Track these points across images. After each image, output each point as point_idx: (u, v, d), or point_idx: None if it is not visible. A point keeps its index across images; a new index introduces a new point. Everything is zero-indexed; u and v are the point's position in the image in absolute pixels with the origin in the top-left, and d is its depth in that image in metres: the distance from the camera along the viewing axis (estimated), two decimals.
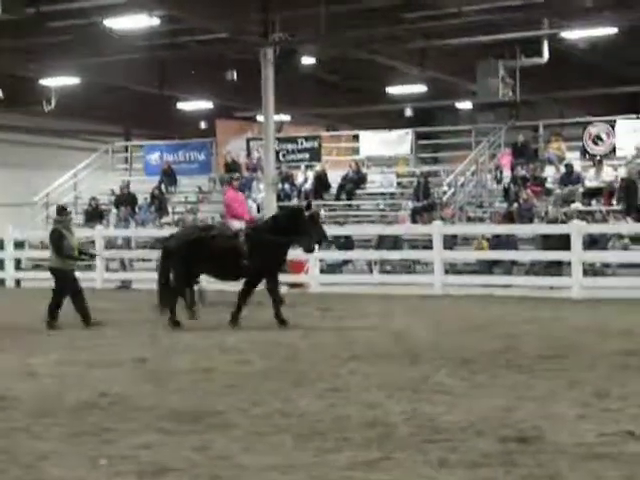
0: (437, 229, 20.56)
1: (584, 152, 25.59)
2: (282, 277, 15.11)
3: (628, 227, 20.49)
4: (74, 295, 14.21)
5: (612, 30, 23.31)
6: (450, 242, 21.43)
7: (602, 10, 21.84)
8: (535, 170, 24.93)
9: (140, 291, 20.33)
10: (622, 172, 23.26)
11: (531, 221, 22.14)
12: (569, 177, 24.02)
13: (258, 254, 13.77)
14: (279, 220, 14.56)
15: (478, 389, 8.42)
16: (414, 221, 23.97)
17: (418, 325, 13.72)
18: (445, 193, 25.12)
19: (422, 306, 17.07)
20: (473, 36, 23.04)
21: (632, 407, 7.45)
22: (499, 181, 26.13)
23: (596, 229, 20.38)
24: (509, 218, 22.50)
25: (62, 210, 15.38)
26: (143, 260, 24.08)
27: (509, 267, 20.89)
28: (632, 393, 8.05)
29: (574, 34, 23.92)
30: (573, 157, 25.38)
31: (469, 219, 24.26)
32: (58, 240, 14.35)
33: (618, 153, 24.95)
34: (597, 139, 25.43)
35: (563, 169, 24.75)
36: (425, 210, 24.30)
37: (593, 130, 25.52)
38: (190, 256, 14.00)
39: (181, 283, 14.48)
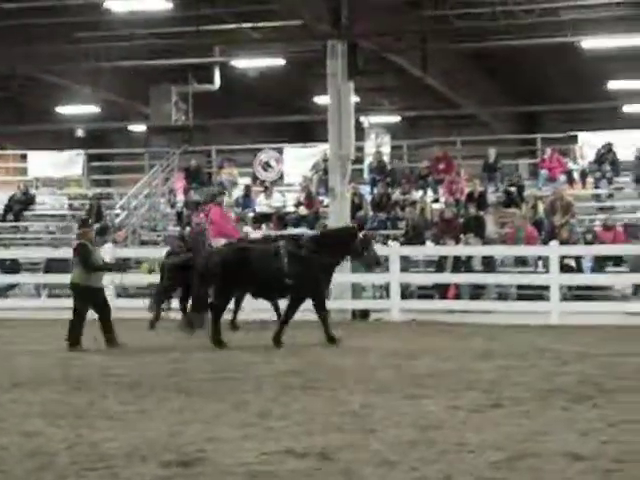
0: (109, 252, 20.28)
1: (255, 178, 26.40)
2: None
3: None
4: (102, 312, 13.51)
5: (280, 61, 24.27)
6: (123, 265, 21.23)
7: (269, 42, 22.66)
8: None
9: None
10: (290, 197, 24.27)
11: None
12: (246, 200, 24.68)
13: (303, 273, 13.16)
14: (327, 238, 13.95)
15: (144, 414, 8.35)
16: None
17: (86, 350, 13.42)
18: (118, 216, 24.90)
19: (93, 330, 16.69)
20: (147, 59, 23.10)
21: (293, 426, 7.69)
22: (173, 205, 26.30)
23: None
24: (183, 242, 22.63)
25: (85, 223, 14.16)
26: None
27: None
28: (294, 412, 8.32)
29: (244, 63, 24.64)
30: (245, 182, 26.10)
31: (142, 242, 24.18)
32: (86, 254, 13.41)
33: (286, 180, 25.99)
34: (267, 165, 26.31)
35: (236, 193, 25.39)
36: (97, 233, 23.91)
37: (263, 157, 26.39)
38: (231, 275, 13.24)
39: (221, 303, 13.66)
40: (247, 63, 24.81)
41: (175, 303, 16.77)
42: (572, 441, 6.98)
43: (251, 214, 24.01)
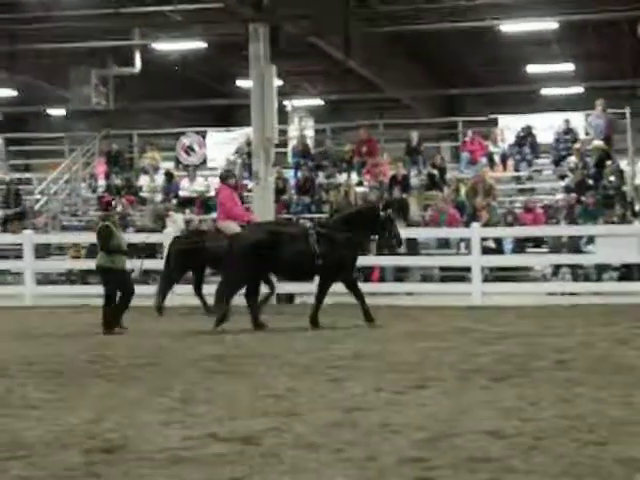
0: (28, 238, 19.95)
1: (178, 162, 26.20)
2: None
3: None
4: (123, 295, 13.37)
5: (201, 44, 24.04)
6: (43, 252, 21.01)
7: (190, 24, 22.42)
8: (130, 179, 25.08)
9: None
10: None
11: (126, 230, 22.18)
12: (169, 185, 24.48)
13: (332, 253, 13.28)
14: (351, 218, 13.85)
15: (66, 401, 8.23)
16: (4, 230, 23.15)
17: (5, 338, 13.20)
18: (37, 201, 24.52)
19: (10, 318, 16.46)
20: (65, 42, 22.67)
21: (216, 410, 7.66)
22: (94, 190, 25.98)
23: None
24: None
25: (108, 205, 14.18)
26: None
27: None
28: (217, 396, 8.28)
29: (165, 46, 24.34)
30: (168, 167, 25.89)
31: (63, 228, 23.84)
32: (107, 236, 13.26)
33: (209, 164, 25.84)
34: (190, 150, 26.12)
35: (159, 178, 25.18)
36: (16, 218, 23.60)
37: (186, 141, 26.21)
38: (260, 258, 13.10)
39: (239, 285, 13.49)
40: (168, 46, 24.51)
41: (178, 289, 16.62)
42: (493, 419, 7.07)
43: (174, 200, 23.83)
